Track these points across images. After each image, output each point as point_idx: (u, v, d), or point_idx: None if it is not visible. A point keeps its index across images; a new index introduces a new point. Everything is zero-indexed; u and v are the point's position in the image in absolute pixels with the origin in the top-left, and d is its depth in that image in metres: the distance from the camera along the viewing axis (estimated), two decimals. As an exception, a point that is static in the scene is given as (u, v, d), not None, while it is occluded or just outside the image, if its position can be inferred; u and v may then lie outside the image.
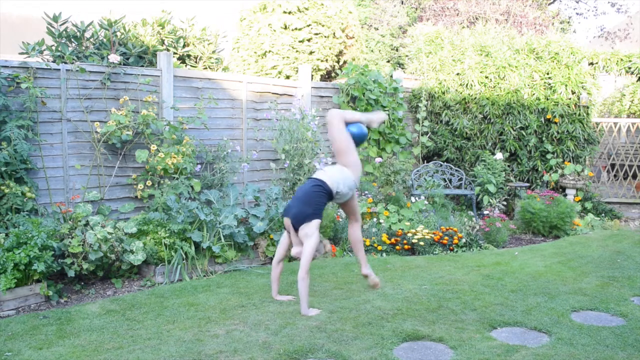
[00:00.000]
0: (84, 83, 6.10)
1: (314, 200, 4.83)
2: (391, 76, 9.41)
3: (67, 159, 6.02)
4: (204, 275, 5.88)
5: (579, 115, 9.57)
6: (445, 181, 9.53)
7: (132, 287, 5.59)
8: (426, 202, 8.32)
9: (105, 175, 6.29)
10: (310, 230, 4.76)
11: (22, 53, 6.32)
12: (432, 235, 7.24)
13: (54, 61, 6.38)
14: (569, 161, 9.60)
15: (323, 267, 6.25)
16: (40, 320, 4.55)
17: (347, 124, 5.08)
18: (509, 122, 9.58)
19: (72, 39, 6.77)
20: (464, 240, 7.38)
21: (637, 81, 10.58)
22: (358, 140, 5.13)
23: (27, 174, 5.66)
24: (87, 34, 6.86)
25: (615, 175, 11.22)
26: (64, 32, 6.64)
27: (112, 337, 4.20)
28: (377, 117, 5.42)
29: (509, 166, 9.67)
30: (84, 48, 6.79)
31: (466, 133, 9.74)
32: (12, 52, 8.33)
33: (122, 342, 4.09)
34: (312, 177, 5.02)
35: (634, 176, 10.98)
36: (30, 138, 5.68)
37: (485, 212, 8.45)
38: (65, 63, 6.05)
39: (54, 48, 6.54)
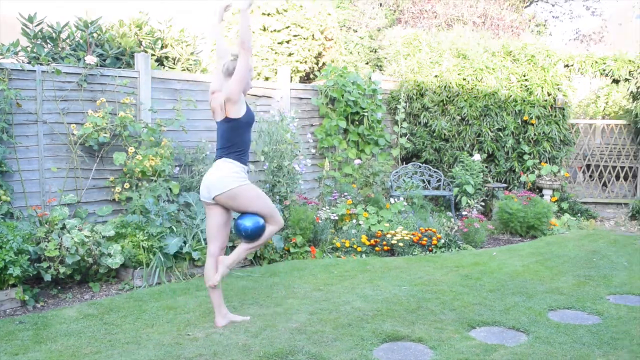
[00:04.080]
0: (60, 84, 6.02)
1: None
2: (370, 78, 9.45)
3: (43, 162, 5.94)
4: (183, 278, 5.84)
5: (555, 116, 9.70)
6: (424, 182, 9.58)
7: (110, 291, 5.53)
8: (405, 203, 8.36)
9: (82, 177, 6.22)
10: None
11: (-4, 54, 6.22)
12: (411, 236, 7.28)
13: (29, 62, 6.29)
14: (546, 162, 9.72)
15: (302, 269, 6.25)
16: (16, 325, 4.48)
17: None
18: (486, 124, 9.67)
19: (48, 40, 6.68)
20: (442, 241, 7.43)
21: (611, 83, 10.75)
22: None
23: (1, 177, 5.57)
24: (63, 35, 6.77)
25: (590, 176, 11.39)
26: (40, 33, 6.55)
27: (90, 341, 4.16)
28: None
29: (486, 167, 9.76)
30: (60, 49, 6.70)
31: (444, 134, 9.81)
32: (-14, 53, 8.18)
33: (100, 347, 4.05)
34: None
35: (617, 177, 11.14)
36: (4, 140, 5.60)
37: (464, 213, 8.52)
38: (41, 64, 5.97)
39: (29, 49, 6.45)
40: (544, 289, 5.60)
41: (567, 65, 9.97)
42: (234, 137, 4.40)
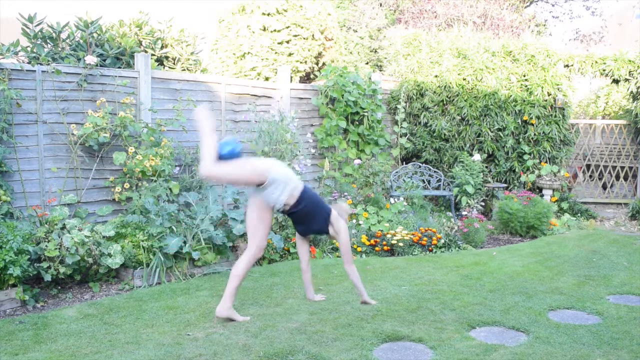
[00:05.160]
0: (60, 85, 6.02)
1: (319, 201, 4.74)
2: (370, 78, 9.45)
3: (43, 162, 5.94)
4: (183, 278, 5.84)
5: (555, 116, 9.70)
6: (424, 182, 9.59)
7: (110, 291, 5.53)
8: (405, 203, 8.36)
9: (82, 177, 6.22)
10: (337, 224, 4.67)
11: (-4, 54, 6.21)
12: (411, 236, 7.28)
13: (29, 62, 6.29)
14: (546, 162, 9.72)
15: (303, 268, 6.24)
16: (16, 325, 4.48)
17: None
18: (486, 124, 9.67)
19: (48, 40, 6.68)
20: (442, 240, 7.43)
21: (611, 83, 10.75)
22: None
23: (1, 177, 5.57)
24: (63, 35, 6.77)
25: (590, 176, 11.39)
26: (40, 33, 6.55)
27: (90, 341, 4.15)
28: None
29: (486, 167, 9.76)
30: (60, 49, 6.71)
31: (444, 134, 9.81)
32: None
33: (99, 347, 4.05)
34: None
35: (617, 177, 11.14)
36: (4, 140, 5.60)
37: (464, 213, 8.52)
38: (41, 64, 5.97)
39: (29, 49, 6.45)
40: (544, 289, 5.60)
41: (567, 65, 9.97)
42: None
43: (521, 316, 4.76)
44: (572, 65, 9.97)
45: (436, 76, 9.93)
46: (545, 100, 9.64)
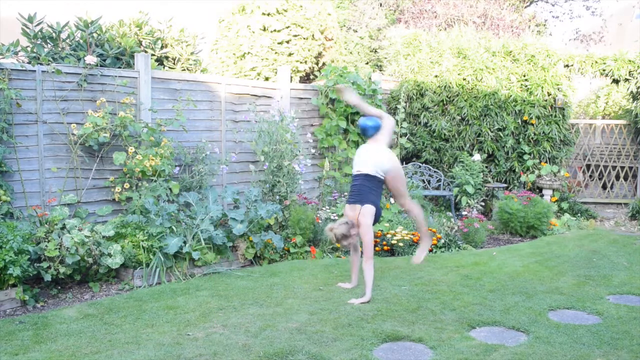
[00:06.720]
0: (60, 84, 6.02)
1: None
2: (370, 78, 9.44)
3: (43, 162, 5.94)
4: (183, 278, 5.84)
5: (555, 116, 9.70)
6: (424, 182, 9.58)
7: (110, 291, 5.53)
8: (405, 203, 8.34)
9: (82, 177, 6.22)
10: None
11: (-5, 54, 6.21)
12: (411, 236, 7.27)
13: (29, 62, 6.29)
14: (546, 162, 9.72)
15: (302, 269, 6.25)
16: (16, 325, 4.48)
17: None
18: (486, 124, 9.67)
19: (48, 40, 6.68)
20: (442, 240, 7.43)
21: (611, 83, 10.75)
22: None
23: (1, 177, 5.57)
24: (63, 35, 6.77)
25: (590, 176, 11.39)
26: (40, 32, 6.55)
27: (90, 341, 4.16)
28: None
29: (486, 167, 9.75)
30: (60, 49, 6.70)
31: (444, 134, 9.81)
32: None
33: (99, 347, 4.05)
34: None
35: (617, 177, 11.14)
36: (4, 140, 5.60)
37: (464, 213, 8.51)
38: (41, 64, 5.97)
39: (29, 49, 6.45)
40: (544, 289, 5.61)
41: (567, 65, 9.96)
42: None
43: (521, 316, 4.77)
44: (572, 65, 9.96)
45: (436, 76, 9.93)
46: (545, 100, 9.64)
